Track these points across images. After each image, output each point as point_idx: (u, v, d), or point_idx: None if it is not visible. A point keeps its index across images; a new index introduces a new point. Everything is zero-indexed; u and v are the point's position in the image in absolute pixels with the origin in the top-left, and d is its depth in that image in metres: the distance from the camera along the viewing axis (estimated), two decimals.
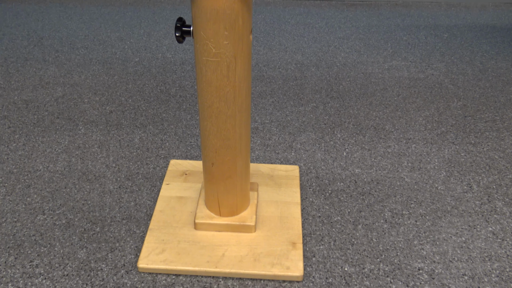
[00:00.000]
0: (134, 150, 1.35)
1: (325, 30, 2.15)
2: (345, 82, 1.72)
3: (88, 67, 1.79)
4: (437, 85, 1.71)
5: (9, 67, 1.78)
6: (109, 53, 1.90)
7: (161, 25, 2.16)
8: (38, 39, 2.01)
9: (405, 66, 1.84)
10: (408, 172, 1.28)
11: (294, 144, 1.39)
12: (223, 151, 0.93)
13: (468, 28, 2.19)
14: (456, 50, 1.97)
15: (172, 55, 1.89)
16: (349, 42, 2.03)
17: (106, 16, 2.25)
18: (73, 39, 2.01)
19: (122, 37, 2.04)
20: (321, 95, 1.63)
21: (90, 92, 1.63)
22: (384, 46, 2.00)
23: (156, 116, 1.50)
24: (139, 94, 1.62)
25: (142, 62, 1.83)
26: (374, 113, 1.54)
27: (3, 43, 1.97)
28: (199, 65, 0.82)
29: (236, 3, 0.74)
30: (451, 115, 1.53)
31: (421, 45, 2.02)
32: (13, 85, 1.66)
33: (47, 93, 1.62)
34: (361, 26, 2.20)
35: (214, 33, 0.77)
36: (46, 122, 1.46)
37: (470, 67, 1.84)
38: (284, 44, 2.00)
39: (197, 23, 0.78)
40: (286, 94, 1.63)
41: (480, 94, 1.66)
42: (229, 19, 0.75)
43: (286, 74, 1.76)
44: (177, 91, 1.64)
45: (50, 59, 1.84)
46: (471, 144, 1.40)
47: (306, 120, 1.49)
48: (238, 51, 0.80)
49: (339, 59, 1.88)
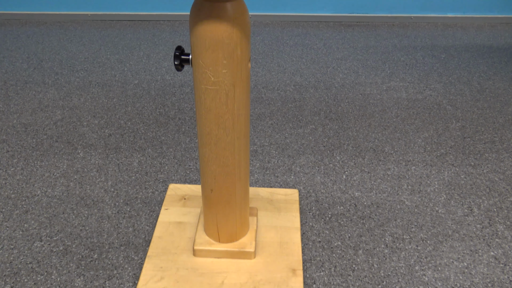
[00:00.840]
0: (132, 174, 1.34)
1: (323, 51, 2.16)
2: (343, 104, 1.72)
3: (87, 90, 1.79)
4: (436, 106, 1.72)
5: (9, 90, 1.78)
6: (109, 76, 1.90)
7: (160, 47, 2.18)
8: (38, 62, 2.02)
9: (403, 87, 1.85)
10: (408, 195, 1.27)
11: (294, 167, 1.38)
12: (222, 177, 0.93)
13: (465, 49, 2.20)
14: (454, 71, 1.98)
15: (171, 77, 1.89)
16: (347, 63, 2.05)
17: (106, 38, 2.27)
18: (73, 62, 2.02)
19: (121, 59, 2.05)
20: (320, 117, 1.63)
21: (89, 115, 1.63)
22: (382, 67, 2.01)
23: (155, 139, 1.50)
24: (138, 117, 1.62)
25: (141, 85, 1.84)
26: (373, 134, 1.54)
27: (3, 66, 1.98)
28: (198, 92, 0.83)
29: (235, 33, 0.75)
30: (450, 137, 1.53)
31: (419, 65, 2.03)
32: (12, 108, 1.67)
33: (46, 116, 1.62)
34: (359, 46, 2.21)
35: (213, 62, 0.77)
36: (45, 146, 1.46)
37: (468, 88, 1.84)
38: (282, 66, 2.01)
39: (196, 52, 0.78)
40: (285, 116, 1.64)
41: (478, 115, 1.66)
42: (227, 48, 0.76)
43: (285, 95, 1.77)
44: (176, 113, 1.65)
45: (50, 82, 1.85)
46: (471, 166, 1.40)
47: (305, 143, 1.49)
48: (237, 79, 0.80)
49: (337, 80, 1.89)
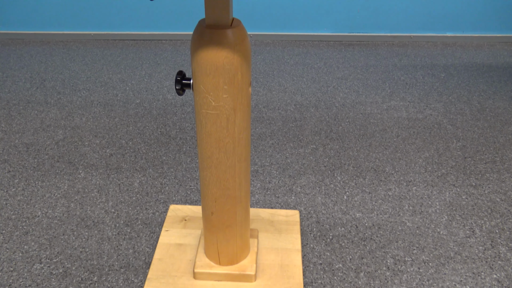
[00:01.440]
0: (133, 195, 1.34)
1: (324, 70, 2.18)
2: (344, 123, 1.73)
3: (89, 109, 1.80)
4: (436, 125, 1.72)
5: (11, 109, 1.80)
6: (111, 95, 1.92)
7: (162, 66, 2.20)
8: (41, 81, 2.04)
9: (403, 106, 1.86)
10: (410, 216, 1.27)
11: (294, 187, 1.38)
12: (222, 200, 0.92)
13: (465, 68, 2.22)
14: (454, 90, 1.99)
15: (173, 97, 1.91)
16: (347, 82, 2.06)
17: (108, 57, 2.29)
18: (75, 81, 2.04)
19: (123, 78, 2.07)
20: (321, 137, 1.64)
21: (91, 134, 1.64)
22: (382, 86, 2.02)
23: (156, 159, 1.51)
24: (139, 137, 1.63)
25: (143, 104, 1.85)
26: (374, 154, 1.54)
27: (6, 85, 2.00)
28: (199, 117, 0.83)
29: (236, 59, 0.76)
30: (451, 156, 1.54)
31: (419, 85, 2.04)
32: (15, 128, 1.67)
33: (48, 136, 1.63)
34: (359, 66, 2.23)
35: (213, 87, 0.78)
36: (46, 166, 1.46)
37: (468, 107, 1.85)
38: (283, 85, 2.03)
39: (197, 77, 0.79)
40: (286, 136, 1.64)
41: (479, 135, 1.66)
42: (228, 74, 0.77)
43: (286, 115, 1.78)
44: (177, 133, 1.65)
45: (52, 102, 1.86)
46: (472, 186, 1.39)
47: (306, 163, 1.49)
48: (237, 103, 0.81)
49: (338, 99, 1.90)
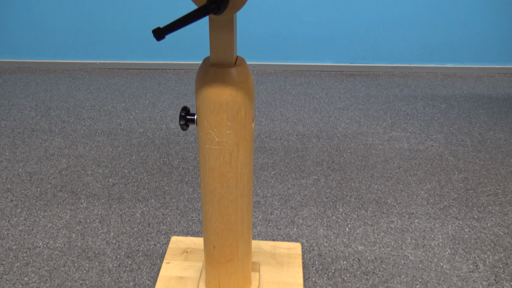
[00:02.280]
0: (135, 226, 1.34)
1: (325, 100, 2.20)
2: (346, 154, 1.74)
3: (93, 138, 1.82)
4: (437, 156, 1.73)
5: (16, 138, 1.81)
6: (114, 124, 1.94)
7: (165, 96, 2.23)
8: (46, 110, 2.06)
9: (404, 137, 1.87)
10: (412, 250, 1.26)
11: (296, 219, 1.38)
12: (224, 234, 0.92)
13: (465, 98, 2.24)
14: (455, 121, 2.01)
15: (176, 126, 1.93)
16: (349, 112, 2.08)
17: (113, 86, 2.32)
18: (79, 110, 2.07)
19: (127, 107, 2.10)
20: (323, 167, 1.65)
21: (94, 164, 1.65)
22: (383, 117, 2.04)
23: (159, 189, 1.51)
24: (142, 166, 1.64)
25: (146, 133, 1.87)
26: (375, 186, 1.54)
27: (12, 113, 2.02)
28: (202, 152, 0.84)
29: (239, 96, 0.77)
30: (453, 188, 1.54)
31: (420, 115, 2.06)
32: (18, 156, 1.69)
33: (51, 165, 1.64)
34: (361, 96, 2.26)
35: (217, 123, 0.79)
36: (48, 195, 1.47)
37: (469, 138, 1.86)
38: (285, 115, 2.05)
39: (201, 113, 0.80)
40: (288, 166, 1.65)
41: (480, 166, 1.67)
42: (232, 110, 0.78)
43: (288, 145, 1.79)
44: (180, 163, 1.66)
45: (56, 130, 1.88)
46: (475, 219, 1.39)
47: (308, 194, 1.50)
48: (240, 139, 0.82)
49: (339, 130, 1.92)
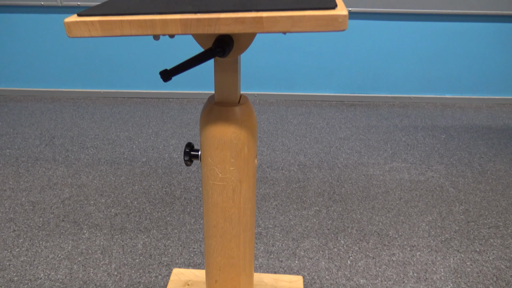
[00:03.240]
0: (137, 257, 1.34)
1: (326, 130, 2.23)
2: (347, 185, 1.75)
3: (96, 167, 1.84)
4: (438, 188, 1.74)
5: (20, 167, 1.83)
6: (118, 153, 1.96)
7: (168, 125, 2.25)
8: (50, 138, 2.09)
9: (405, 168, 1.88)
10: (414, 283, 1.26)
11: (298, 251, 1.38)
12: (227, 269, 0.93)
13: (465, 129, 2.27)
14: (455, 152, 2.03)
15: (178, 155, 1.94)
16: (349, 142, 2.10)
17: (116, 115, 2.35)
18: (83, 138, 2.09)
19: (131, 136, 2.12)
20: (324, 198, 1.65)
21: (97, 193, 1.66)
22: (384, 147, 2.06)
23: (161, 219, 1.52)
24: (144, 196, 1.65)
25: (149, 163, 1.88)
26: (377, 217, 1.55)
27: (16, 142, 2.04)
28: (206, 187, 0.86)
29: (243, 134, 0.79)
30: (454, 220, 1.54)
31: (420, 146, 2.08)
32: (22, 185, 1.70)
33: (54, 194, 1.65)
34: (361, 126, 2.28)
35: (221, 160, 0.81)
36: (51, 226, 1.47)
37: (470, 169, 1.88)
38: (287, 145, 2.07)
39: (205, 150, 0.82)
40: (289, 197, 1.66)
41: (481, 198, 1.67)
42: (235, 148, 0.80)
43: (289, 175, 1.80)
44: (182, 193, 1.67)
45: (60, 159, 1.90)
46: (476, 252, 1.39)
47: (310, 225, 1.50)
48: (243, 175, 0.83)
49: (340, 160, 1.93)
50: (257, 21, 0.55)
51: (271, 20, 0.55)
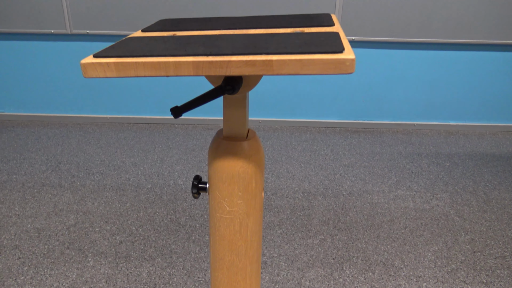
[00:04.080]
0: (141, 286, 1.34)
1: (331, 157, 2.24)
2: (352, 213, 1.74)
3: (101, 194, 1.84)
4: (443, 216, 1.73)
5: (26, 193, 1.84)
6: (123, 179, 1.97)
7: (174, 151, 2.27)
8: (56, 164, 2.10)
9: (410, 196, 1.88)
10: None
11: (303, 281, 1.37)
12: None
13: (469, 157, 2.27)
14: (459, 180, 2.03)
15: (184, 182, 1.95)
16: (354, 170, 2.11)
17: (122, 141, 2.37)
18: (89, 164, 2.11)
19: (136, 162, 2.14)
20: (329, 227, 1.65)
21: (102, 220, 1.66)
22: (388, 175, 2.06)
23: (165, 247, 1.51)
24: (149, 224, 1.65)
25: (154, 189, 1.89)
26: (382, 247, 1.54)
27: (23, 167, 2.06)
28: (213, 220, 0.86)
29: (250, 168, 0.80)
30: (460, 250, 1.53)
31: (424, 173, 2.08)
32: (28, 212, 1.71)
33: (60, 221, 1.65)
34: (365, 153, 2.29)
35: (229, 194, 0.82)
36: (56, 253, 1.47)
37: (474, 198, 1.87)
38: (291, 172, 2.07)
39: (213, 183, 0.83)
40: (294, 225, 1.66)
41: (487, 227, 1.67)
42: (243, 181, 0.81)
43: (294, 203, 1.80)
44: (187, 220, 1.67)
45: (66, 185, 1.91)
46: (483, 283, 1.38)
47: (315, 254, 1.49)
48: (251, 208, 0.84)
49: (345, 187, 1.94)
50: (267, 64, 0.57)
51: (281, 63, 0.57)
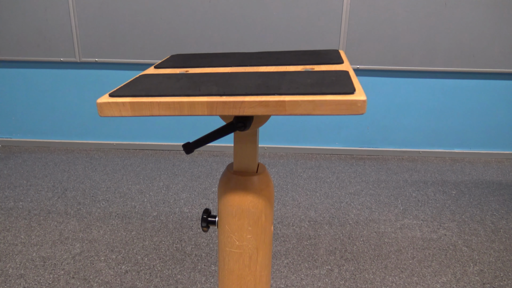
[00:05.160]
0: None
1: (336, 184, 2.24)
2: (358, 242, 1.73)
3: (107, 222, 1.84)
4: (451, 246, 1.72)
5: (32, 220, 1.84)
6: (129, 207, 1.97)
7: (179, 178, 2.27)
8: (63, 191, 2.11)
9: (417, 225, 1.87)
10: None
11: None
12: None
13: (475, 185, 2.26)
14: (466, 208, 2.02)
15: (189, 210, 1.95)
16: (360, 198, 2.10)
17: (128, 167, 2.38)
18: (95, 191, 2.11)
19: (142, 189, 2.14)
20: (336, 257, 1.64)
21: (108, 249, 1.66)
22: (394, 203, 2.05)
23: (171, 277, 1.50)
24: (155, 252, 1.64)
25: (159, 217, 1.89)
26: (390, 278, 1.52)
27: (29, 194, 2.07)
28: (222, 254, 0.86)
29: (260, 203, 0.81)
30: (469, 282, 1.51)
31: (431, 202, 2.07)
32: (33, 240, 1.70)
33: (65, 249, 1.65)
34: (371, 181, 2.29)
35: (238, 228, 0.82)
36: (61, 283, 1.46)
37: (482, 227, 1.86)
38: (297, 199, 2.07)
39: (222, 217, 0.83)
40: (301, 255, 1.64)
41: (495, 258, 1.65)
42: (253, 216, 0.81)
43: (300, 232, 1.79)
44: (192, 249, 1.66)
45: (72, 212, 1.91)
46: None
47: (322, 285, 1.48)
48: (260, 243, 0.84)
49: (351, 216, 1.93)
50: (280, 105, 0.58)
51: (294, 104, 0.58)
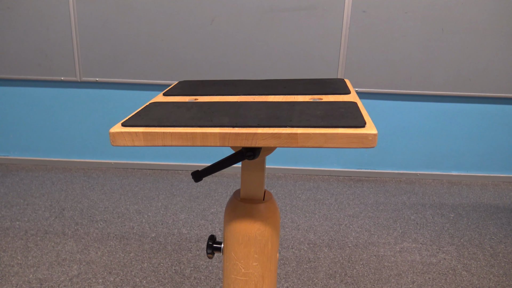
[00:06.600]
0: None
1: (335, 206, 2.24)
2: (358, 266, 1.72)
3: (105, 243, 1.83)
4: (451, 271, 1.71)
5: (29, 241, 1.82)
6: (127, 227, 1.95)
7: (178, 198, 2.27)
8: (60, 210, 2.09)
9: (416, 248, 1.87)
10: None
11: None
12: None
13: (473, 208, 2.27)
14: (465, 232, 2.02)
15: (188, 231, 1.94)
16: (359, 220, 2.10)
17: (126, 187, 2.37)
18: (93, 211, 2.10)
19: (140, 210, 2.13)
20: (336, 280, 1.63)
21: (105, 271, 1.64)
22: (393, 226, 2.05)
23: None
24: (153, 275, 1.62)
25: (158, 238, 1.88)
26: None
27: (26, 214, 2.05)
28: (227, 281, 0.86)
29: (267, 230, 0.81)
30: None
31: (429, 225, 2.08)
32: (30, 261, 1.68)
33: (62, 271, 1.63)
34: (369, 203, 2.29)
35: (244, 256, 0.82)
36: None
37: (481, 251, 1.86)
38: (296, 222, 2.07)
39: (228, 245, 0.83)
40: (301, 278, 1.63)
41: (495, 283, 1.65)
42: (259, 244, 0.81)
43: (300, 255, 1.79)
44: (191, 272, 1.65)
45: (69, 233, 1.89)
46: None
47: None
48: (266, 270, 0.84)
49: (350, 239, 1.92)
50: (292, 137, 0.59)
51: (306, 136, 0.59)
